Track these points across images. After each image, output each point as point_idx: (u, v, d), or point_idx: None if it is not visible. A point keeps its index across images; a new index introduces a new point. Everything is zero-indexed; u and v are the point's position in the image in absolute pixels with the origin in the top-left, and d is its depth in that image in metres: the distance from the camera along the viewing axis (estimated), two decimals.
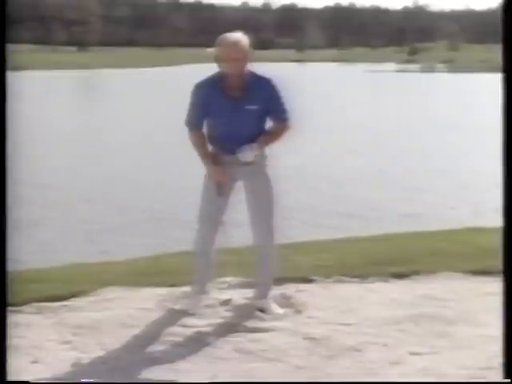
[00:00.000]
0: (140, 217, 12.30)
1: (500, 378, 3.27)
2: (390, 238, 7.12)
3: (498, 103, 3.61)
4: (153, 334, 4.25)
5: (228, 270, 5.12)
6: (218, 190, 4.46)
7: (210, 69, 4.46)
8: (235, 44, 4.25)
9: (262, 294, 4.62)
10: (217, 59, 4.33)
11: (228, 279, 5.10)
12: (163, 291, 4.95)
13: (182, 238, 6.71)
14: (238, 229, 5.17)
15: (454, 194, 14.32)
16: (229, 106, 4.34)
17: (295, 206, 11.97)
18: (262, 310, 4.54)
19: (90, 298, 4.88)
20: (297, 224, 10.79)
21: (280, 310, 4.56)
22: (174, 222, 11.68)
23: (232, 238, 4.99)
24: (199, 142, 4.49)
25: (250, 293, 4.82)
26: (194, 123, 4.47)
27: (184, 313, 4.52)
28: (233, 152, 4.41)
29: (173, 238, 9.78)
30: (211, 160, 4.45)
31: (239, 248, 5.98)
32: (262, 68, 4.50)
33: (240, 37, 4.30)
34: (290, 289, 4.94)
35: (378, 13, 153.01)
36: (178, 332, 4.26)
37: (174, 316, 4.50)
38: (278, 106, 4.43)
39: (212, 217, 4.54)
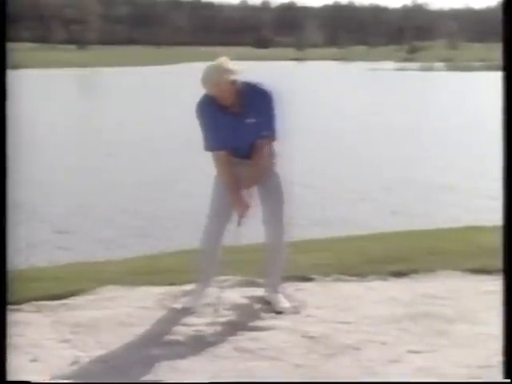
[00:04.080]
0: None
1: (499, 377, 3.27)
2: (388, 236, 7.13)
3: (496, 103, 3.61)
4: (152, 332, 4.26)
5: (227, 268, 5.12)
6: (239, 220, 4.48)
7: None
8: (209, 84, 4.24)
9: (273, 289, 4.68)
10: None
11: (228, 278, 5.10)
12: (162, 290, 4.95)
13: None
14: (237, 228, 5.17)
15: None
16: (229, 122, 4.36)
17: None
18: (268, 303, 4.61)
19: (89, 297, 4.88)
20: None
21: (287, 304, 4.61)
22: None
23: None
24: (223, 170, 4.47)
25: (249, 291, 4.84)
26: (212, 145, 4.46)
27: (184, 311, 4.53)
28: (240, 156, 4.46)
29: None
30: (235, 189, 4.46)
31: (237, 246, 5.98)
32: (261, 66, 4.49)
33: (214, 72, 4.24)
34: (289, 287, 4.94)
35: (376, 11, 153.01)
36: (178, 331, 4.27)
37: (173, 315, 4.50)
38: (267, 121, 4.39)
39: (221, 215, 4.56)
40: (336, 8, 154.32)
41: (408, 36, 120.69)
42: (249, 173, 4.47)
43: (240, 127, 4.35)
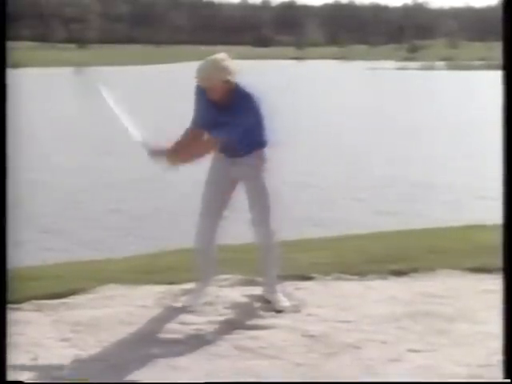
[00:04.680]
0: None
1: (499, 376, 3.27)
2: (388, 235, 7.12)
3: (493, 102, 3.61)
4: (152, 331, 4.26)
5: (226, 267, 5.13)
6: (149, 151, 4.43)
7: None
8: (200, 77, 4.28)
9: (270, 288, 4.68)
10: None
11: (227, 276, 5.11)
12: (162, 289, 4.95)
13: None
14: (237, 226, 5.19)
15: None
16: (211, 113, 4.39)
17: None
18: (269, 302, 4.61)
19: (89, 296, 4.88)
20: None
21: (287, 303, 4.61)
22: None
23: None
24: (184, 134, 4.53)
25: (249, 290, 4.84)
26: (192, 123, 4.53)
27: (183, 310, 4.53)
28: (227, 154, 4.49)
29: None
30: (169, 148, 4.45)
31: (237, 245, 5.99)
32: (261, 65, 4.49)
33: (208, 67, 4.26)
34: (289, 286, 4.95)
35: (377, 10, 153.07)
36: (177, 329, 4.27)
37: (172, 313, 4.50)
38: (234, 127, 4.37)
39: (213, 213, 4.57)
40: (336, 7, 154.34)
41: (408, 35, 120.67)
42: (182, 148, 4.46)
43: (216, 121, 4.36)
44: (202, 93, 4.40)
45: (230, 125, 4.33)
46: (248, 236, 4.76)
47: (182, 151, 4.46)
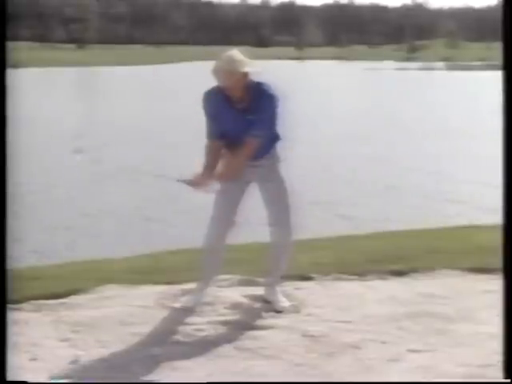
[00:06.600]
0: None
1: (499, 375, 3.27)
2: (388, 235, 7.13)
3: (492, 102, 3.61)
4: (151, 331, 4.25)
5: (226, 267, 5.12)
6: (184, 180, 4.46)
7: (208, 67, 4.45)
8: (221, 74, 4.28)
9: (272, 288, 4.69)
10: None
11: (227, 276, 5.11)
12: (162, 289, 4.95)
13: None
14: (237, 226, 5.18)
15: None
16: (233, 116, 4.38)
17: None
18: (268, 302, 4.61)
19: (89, 296, 4.88)
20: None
21: (286, 303, 4.62)
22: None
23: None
24: (209, 152, 4.49)
25: (249, 290, 4.84)
26: (211, 135, 4.49)
27: (184, 310, 4.53)
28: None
29: None
30: (206, 172, 4.45)
31: (237, 245, 5.98)
32: (261, 66, 4.48)
33: (227, 62, 4.27)
34: (288, 286, 4.95)
35: (376, 10, 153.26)
36: (177, 329, 4.27)
37: (173, 314, 4.50)
38: (265, 123, 4.40)
39: (225, 216, 4.57)
40: (336, 7, 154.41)
41: (408, 35, 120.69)
42: (226, 162, 4.46)
43: (241, 122, 4.36)
44: (215, 100, 4.38)
45: (257, 121, 4.34)
46: (248, 236, 4.76)
47: (217, 169, 4.43)
